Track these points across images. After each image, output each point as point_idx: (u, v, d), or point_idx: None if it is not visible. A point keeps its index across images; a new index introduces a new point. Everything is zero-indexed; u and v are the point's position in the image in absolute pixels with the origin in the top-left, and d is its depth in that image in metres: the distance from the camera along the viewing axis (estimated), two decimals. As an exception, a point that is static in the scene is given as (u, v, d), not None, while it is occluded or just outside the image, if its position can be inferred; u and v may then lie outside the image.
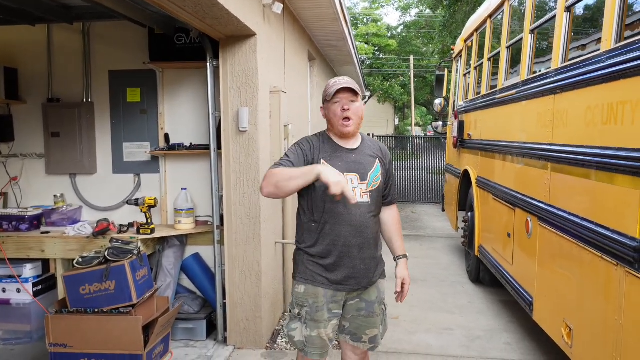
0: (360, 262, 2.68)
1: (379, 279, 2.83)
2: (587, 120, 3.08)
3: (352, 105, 2.65)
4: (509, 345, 4.54)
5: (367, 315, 2.78)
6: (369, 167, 2.70)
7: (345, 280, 2.68)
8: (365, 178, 2.67)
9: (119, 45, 4.80)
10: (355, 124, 2.67)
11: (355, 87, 2.64)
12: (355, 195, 2.59)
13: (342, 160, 2.65)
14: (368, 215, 2.68)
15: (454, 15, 20.32)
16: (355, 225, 2.64)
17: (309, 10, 5.68)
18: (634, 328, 2.54)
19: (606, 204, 2.85)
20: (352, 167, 2.66)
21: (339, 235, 2.64)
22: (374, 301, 2.79)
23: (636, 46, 2.56)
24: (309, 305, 2.68)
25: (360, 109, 2.70)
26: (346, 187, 2.41)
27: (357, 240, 2.65)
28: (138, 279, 3.82)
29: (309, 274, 2.70)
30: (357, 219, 2.64)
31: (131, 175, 4.92)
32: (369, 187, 2.67)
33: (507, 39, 5.13)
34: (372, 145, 2.82)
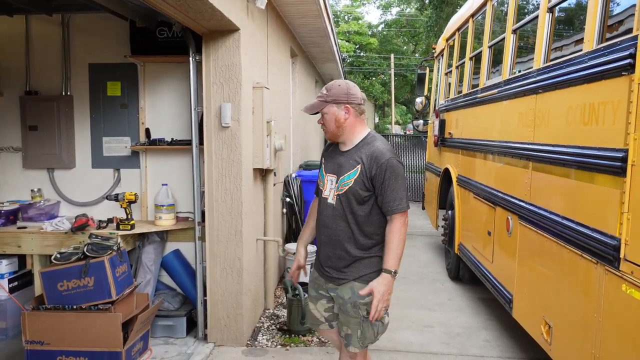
0: (328, 258, 2.87)
1: (356, 282, 2.77)
2: (568, 120, 3.12)
3: (323, 118, 2.84)
4: (488, 343, 4.59)
5: (343, 312, 2.87)
6: (345, 171, 2.77)
7: (321, 269, 2.94)
8: (338, 181, 2.80)
9: (100, 38, 4.72)
10: (329, 131, 2.83)
11: (312, 107, 2.85)
12: (329, 196, 2.83)
13: (331, 161, 2.89)
14: (333, 217, 2.80)
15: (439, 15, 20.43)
16: (322, 223, 2.88)
17: (292, 6, 5.66)
18: (613, 325, 2.58)
19: (586, 203, 2.89)
20: (334, 169, 2.84)
21: (317, 229, 2.97)
22: (347, 301, 2.81)
23: (618, 47, 2.59)
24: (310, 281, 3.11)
25: (332, 119, 2.79)
26: (292, 272, 3.20)
27: (323, 237, 2.88)
28: (117, 276, 3.77)
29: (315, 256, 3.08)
30: (323, 218, 2.87)
31: (111, 170, 4.86)
32: (337, 190, 2.79)
33: (489, 39, 5.16)
34: (365, 149, 2.76)
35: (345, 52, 30.33)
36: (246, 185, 4.33)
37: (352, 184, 2.72)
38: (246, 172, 4.34)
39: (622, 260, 2.47)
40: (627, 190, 2.45)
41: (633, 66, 2.43)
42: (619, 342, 2.53)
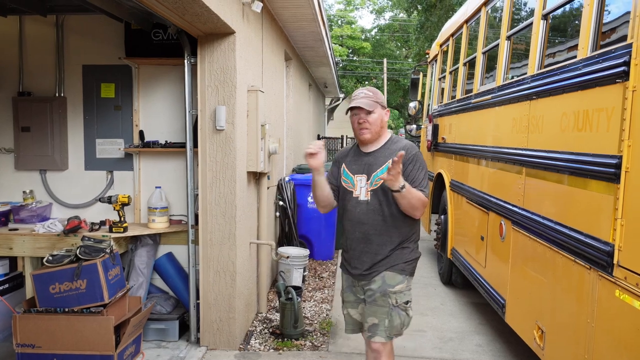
0: (363, 255, 2.97)
1: (387, 271, 2.92)
2: (562, 127, 3.14)
3: (368, 117, 2.93)
4: (480, 347, 4.60)
5: (370, 303, 2.95)
6: (376, 168, 2.92)
7: (352, 269, 3.03)
8: (370, 178, 2.94)
9: (94, 40, 4.71)
10: (372, 132, 2.96)
11: (367, 103, 2.91)
12: (361, 194, 2.95)
13: (356, 163, 3.02)
14: (368, 212, 2.92)
15: (428, 18, 20.53)
16: (354, 221, 2.97)
17: (287, 9, 5.67)
18: (606, 331, 2.60)
19: (580, 209, 2.90)
20: (363, 169, 2.98)
21: (346, 230, 3.06)
22: (376, 290, 2.93)
23: (612, 55, 2.62)
24: (342, 288, 3.19)
25: (379, 119, 2.96)
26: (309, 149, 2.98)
27: (356, 234, 2.97)
28: (110, 278, 3.75)
29: (341, 261, 3.20)
30: (356, 216, 2.96)
31: (104, 172, 4.83)
32: (370, 187, 2.92)
33: (483, 45, 5.19)
34: (393, 147, 2.97)
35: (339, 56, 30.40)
36: (240, 189, 4.33)
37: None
38: (240, 176, 4.34)
39: (615, 266, 2.49)
40: (620, 196, 2.46)
41: (627, 74, 2.45)
42: (612, 348, 2.54)
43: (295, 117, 8.53)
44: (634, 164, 2.39)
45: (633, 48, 2.42)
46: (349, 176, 3.02)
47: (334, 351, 4.45)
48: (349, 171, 3.03)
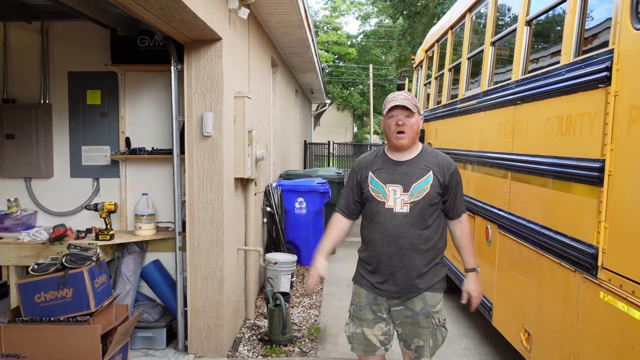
0: (397, 271, 2.81)
1: (428, 292, 2.84)
2: (546, 131, 3.18)
3: (408, 120, 2.79)
4: (468, 351, 4.62)
5: (413, 325, 2.86)
6: (416, 179, 2.79)
7: (382, 285, 2.85)
8: (408, 189, 2.79)
9: (80, 46, 4.69)
10: (409, 137, 2.81)
11: (410, 104, 2.78)
12: (395, 205, 2.79)
13: (388, 172, 2.85)
14: (404, 225, 2.77)
15: (412, 25, 20.68)
16: (388, 235, 2.80)
17: (273, 16, 5.69)
18: (591, 333, 2.63)
19: (565, 212, 2.94)
20: (396, 179, 2.81)
21: (375, 243, 2.85)
22: (419, 312, 2.83)
23: (594, 60, 2.66)
24: (355, 304, 2.97)
25: (417, 124, 2.83)
26: (311, 283, 2.99)
27: (391, 249, 2.80)
28: (96, 287, 3.72)
29: (357, 275, 3.00)
30: (390, 229, 2.79)
31: (90, 180, 4.80)
32: (410, 198, 2.78)
33: (468, 51, 5.24)
34: (430, 157, 2.87)
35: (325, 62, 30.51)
36: (227, 195, 4.32)
37: (429, 190, 2.78)
38: (227, 182, 4.33)
39: (600, 268, 2.52)
40: (604, 199, 2.50)
41: (609, 79, 2.49)
42: (597, 349, 2.57)
43: (282, 123, 8.54)
44: (616, 167, 2.42)
45: (615, 54, 2.46)
46: (379, 185, 2.84)
47: (323, 357, 4.45)
48: (378, 180, 2.85)
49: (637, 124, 2.25)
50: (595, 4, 2.93)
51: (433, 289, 2.85)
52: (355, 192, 2.96)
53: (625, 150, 2.36)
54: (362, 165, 2.97)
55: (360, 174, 2.94)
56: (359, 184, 2.94)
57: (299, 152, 14.43)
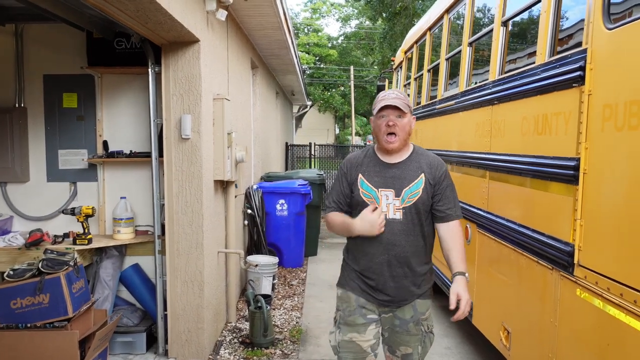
0: (390, 280, 2.67)
1: (419, 299, 2.73)
2: (523, 131, 3.21)
3: (399, 120, 2.62)
4: (449, 350, 4.64)
5: (402, 333, 2.74)
6: (407, 183, 2.64)
7: (374, 292, 2.70)
8: (400, 194, 2.63)
9: (55, 49, 4.62)
10: (401, 139, 2.64)
11: (402, 104, 2.61)
12: (388, 211, 2.62)
13: (379, 175, 2.68)
14: (399, 233, 2.62)
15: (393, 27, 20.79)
16: (383, 243, 2.63)
17: (252, 18, 5.67)
18: (569, 329, 2.66)
19: (542, 211, 2.97)
20: (388, 183, 2.65)
21: (367, 252, 2.69)
22: (408, 320, 2.72)
23: (568, 60, 2.69)
24: (342, 309, 2.77)
25: (409, 124, 2.66)
26: (380, 222, 2.56)
27: (385, 257, 2.65)
28: (74, 292, 3.67)
29: (345, 279, 2.81)
30: (385, 237, 2.62)
31: (67, 184, 4.74)
32: (402, 204, 2.62)
33: (446, 51, 5.28)
34: (422, 159, 2.72)
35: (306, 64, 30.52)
36: (207, 198, 4.29)
37: (421, 194, 2.63)
38: (207, 184, 4.30)
39: (576, 266, 2.55)
40: (579, 197, 2.53)
41: (583, 78, 2.52)
42: (575, 346, 2.60)
43: (263, 125, 8.52)
44: (591, 165, 2.45)
45: (588, 53, 2.49)
46: (371, 189, 2.66)
47: (304, 358, 4.44)
48: (369, 184, 2.67)
49: (610, 123, 2.28)
50: (569, 4, 2.97)
51: (423, 297, 2.75)
52: (345, 194, 2.76)
53: (599, 148, 2.39)
54: (351, 165, 2.78)
55: (349, 175, 2.75)
56: (349, 186, 2.74)
57: (281, 153, 14.40)
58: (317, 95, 33.70)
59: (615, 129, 2.25)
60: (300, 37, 33.34)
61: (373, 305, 2.73)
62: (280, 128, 13.30)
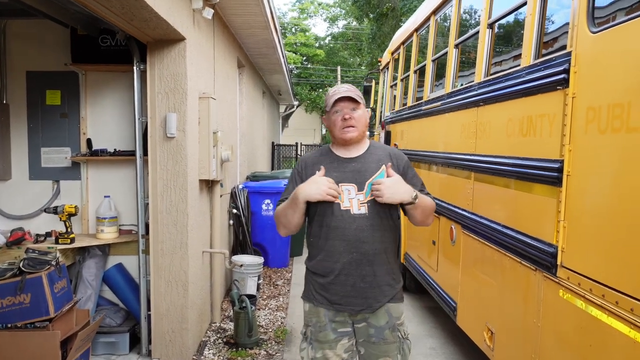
0: (360, 280, 2.49)
1: (391, 303, 2.56)
2: (508, 132, 3.23)
3: (354, 113, 2.52)
4: (433, 350, 4.66)
5: (378, 342, 2.55)
6: (369, 175, 2.50)
7: (343, 300, 2.52)
8: (363, 188, 2.49)
9: (38, 45, 4.56)
10: (359, 130, 2.53)
11: (355, 95, 2.52)
12: (352, 206, 2.47)
13: (338, 171, 2.53)
14: (366, 229, 2.47)
15: (380, 28, 20.85)
16: (350, 240, 2.47)
17: (239, 16, 5.65)
18: (551, 330, 2.67)
19: (526, 212, 2.99)
20: (348, 177, 2.50)
21: (332, 251, 2.50)
22: (384, 327, 2.55)
23: (553, 63, 2.71)
24: (312, 325, 2.60)
25: (364, 116, 2.56)
26: (329, 188, 2.40)
27: (353, 256, 2.47)
28: (56, 291, 3.63)
29: (310, 292, 2.61)
30: (351, 233, 2.46)
31: (49, 182, 4.68)
32: (366, 197, 2.47)
33: (432, 53, 5.30)
34: (380, 151, 2.61)
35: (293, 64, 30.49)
36: (192, 197, 4.27)
37: None
38: (192, 184, 4.28)
39: (559, 267, 2.57)
40: (563, 199, 2.55)
41: (567, 81, 2.54)
42: (557, 347, 2.62)
43: (249, 124, 8.49)
44: (574, 167, 2.47)
45: (572, 56, 2.51)
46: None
47: (289, 359, 4.43)
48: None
49: (594, 125, 2.30)
50: (554, 8, 2.99)
51: (395, 299, 2.58)
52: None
53: (582, 150, 2.41)
54: (306, 164, 2.63)
55: (305, 174, 2.59)
56: None
57: (267, 153, 14.38)
58: (304, 95, 33.67)
59: (598, 132, 2.27)
60: (287, 37, 33.28)
61: (345, 316, 2.55)
62: (267, 128, 13.27)
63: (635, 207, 2.03)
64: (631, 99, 2.04)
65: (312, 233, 2.62)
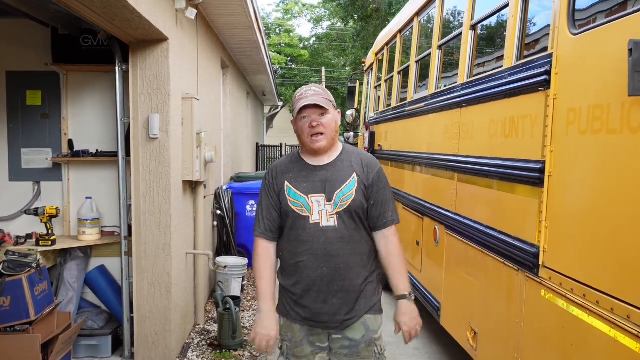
0: (332, 296, 2.37)
1: (368, 314, 2.43)
2: (490, 133, 3.25)
3: (323, 119, 2.36)
4: (417, 350, 4.68)
5: (351, 356, 2.44)
6: (339, 184, 2.37)
7: (316, 317, 2.40)
8: (332, 198, 2.36)
9: (18, 45, 4.50)
10: (328, 138, 2.38)
11: (323, 100, 2.34)
12: (322, 219, 2.35)
13: (307, 180, 2.40)
14: (336, 242, 2.34)
15: (365, 28, 20.92)
16: (318, 254, 2.35)
17: (222, 17, 5.62)
18: (534, 330, 2.69)
19: (508, 213, 3.01)
20: (317, 187, 2.37)
21: (301, 266, 2.38)
22: (360, 341, 2.42)
23: (535, 64, 2.73)
24: (288, 340, 2.50)
25: (334, 120, 2.40)
26: (261, 343, 2.41)
27: (322, 270, 2.35)
28: (37, 294, 3.58)
29: (284, 307, 2.49)
30: (320, 247, 2.34)
31: (30, 183, 4.62)
32: (335, 208, 2.34)
33: (416, 54, 5.32)
34: (353, 158, 2.46)
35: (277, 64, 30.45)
36: (175, 198, 4.24)
37: (354, 195, 2.36)
38: (175, 185, 4.25)
39: (541, 267, 2.59)
40: (544, 200, 2.57)
41: (548, 82, 2.56)
42: (539, 346, 2.64)
43: (233, 125, 8.46)
44: (556, 168, 2.49)
45: (553, 58, 2.53)
46: (300, 197, 2.38)
47: (274, 360, 4.42)
48: (297, 191, 2.39)
49: (575, 126, 2.32)
50: (535, 10, 3.02)
51: (374, 311, 2.45)
52: (275, 206, 2.45)
53: (564, 151, 2.43)
54: (277, 173, 2.48)
55: (276, 184, 2.45)
56: (277, 196, 2.44)
57: (251, 154, 14.34)
58: (289, 95, 33.58)
59: (579, 133, 2.29)
60: (271, 38, 33.23)
61: (319, 330, 2.45)
62: (251, 128, 13.23)
63: (614, 208, 2.06)
64: (611, 100, 2.07)
65: (282, 247, 2.48)
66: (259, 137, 17.56)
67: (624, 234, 1.99)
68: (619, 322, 1.99)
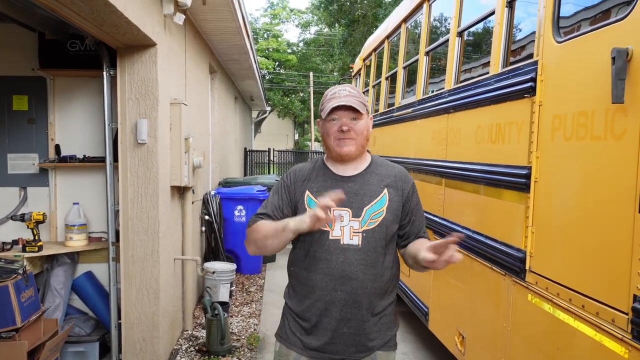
0: (343, 325, 2.10)
1: (381, 351, 2.17)
2: (477, 139, 3.28)
3: (355, 124, 2.12)
4: (406, 355, 4.69)
5: None
6: (368, 200, 2.12)
7: (322, 347, 2.13)
8: (360, 214, 2.09)
9: (5, 49, 4.47)
10: (358, 144, 2.14)
11: (357, 102, 2.10)
12: (343, 235, 2.08)
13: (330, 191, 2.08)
14: (356, 263, 2.07)
15: (352, 34, 21.00)
16: (335, 275, 2.08)
17: (211, 22, 5.63)
18: (521, 334, 2.72)
19: (495, 218, 3.04)
20: (343, 201, 2.01)
21: (313, 286, 2.12)
22: None
23: (520, 71, 2.77)
24: None
25: (366, 128, 2.17)
26: (325, 217, 1.90)
27: (338, 294, 2.08)
28: (23, 301, 3.55)
29: (286, 331, 2.23)
30: (338, 267, 2.07)
31: (16, 189, 4.59)
32: (362, 226, 2.08)
33: (403, 60, 5.36)
34: (384, 171, 2.22)
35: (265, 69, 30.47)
36: (163, 204, 4.22)
37: (385, 214, 2.11)
38: (163, 190, 4.23)
39: (527, 272, 2.62)
40: (531, 205, 2.60)
41: (534, 89, 2.59)
42: (526, 350, 2.67)
43: (221, 130, 8.45)
44: (541, 174, 2.53)
45: (539, 65, 2.57)
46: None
47: (262, 366, 4.41)
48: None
49: (560, 133, 2.36)
50: (521, 17, 3.06)
51: (387, 347, 2.19)
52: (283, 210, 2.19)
53: (549, 157, 2.47)
54: (296, 178, 2.23)
55: (294, 190, 2.21)
56: (292, 204, 2.20)
57: (239, 159, 14.31)
58: (277, 100, 33.66)
59: (564, 139, 2.32)
60: (259, 43, 33.28)
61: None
62: (239, 133, 13.22)
63: (599, 213, 2.09)
64: (595, 107, 2.10)
65: (294, 261, 2.23)
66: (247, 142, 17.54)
67: (608, 238, 2.02)
68: (604, 325, 2.02)
